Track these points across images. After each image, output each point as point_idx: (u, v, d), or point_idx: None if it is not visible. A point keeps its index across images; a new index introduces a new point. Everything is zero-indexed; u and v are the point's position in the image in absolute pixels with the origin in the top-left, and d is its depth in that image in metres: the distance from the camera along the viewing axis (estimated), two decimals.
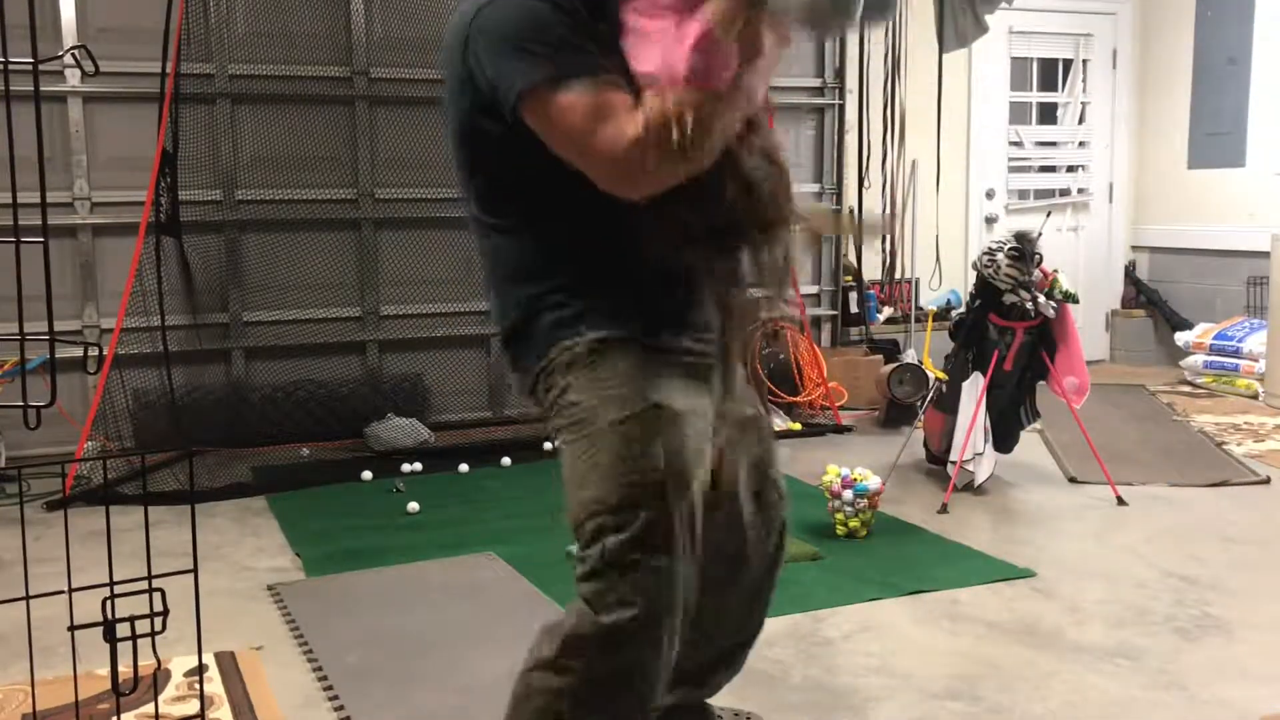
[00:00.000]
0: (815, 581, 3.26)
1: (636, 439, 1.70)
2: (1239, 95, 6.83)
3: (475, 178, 1.82)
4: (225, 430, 4.88)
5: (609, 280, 1.77)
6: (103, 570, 1.83)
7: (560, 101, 1.61)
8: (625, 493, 1.68)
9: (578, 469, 1.74)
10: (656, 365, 1.75)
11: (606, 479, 1.70)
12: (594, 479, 1.71)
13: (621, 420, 1.70)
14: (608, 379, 1.73)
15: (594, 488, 1.71)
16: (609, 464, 1.70)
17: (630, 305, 1.76)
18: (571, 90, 1.60)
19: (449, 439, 5.13)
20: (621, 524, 1.68)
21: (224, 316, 5.06)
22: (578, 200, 1.70)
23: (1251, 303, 6.72)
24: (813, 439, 5.22)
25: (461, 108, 1.75)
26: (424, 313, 5.39)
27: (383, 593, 3.23)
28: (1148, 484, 4.35)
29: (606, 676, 1.72)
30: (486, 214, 1.83)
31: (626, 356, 1.74)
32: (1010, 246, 4.12)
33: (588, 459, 1.72)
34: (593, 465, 1.71)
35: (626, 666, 1.72)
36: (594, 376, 1.73)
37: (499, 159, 1.76)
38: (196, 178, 4.88)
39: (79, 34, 4.69)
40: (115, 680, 1.85)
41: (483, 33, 1.67)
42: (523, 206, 1.79)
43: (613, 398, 1.71)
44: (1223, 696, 2.52)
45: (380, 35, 5.24)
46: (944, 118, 6.52)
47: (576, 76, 1.61)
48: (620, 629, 1.68)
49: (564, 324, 1.76)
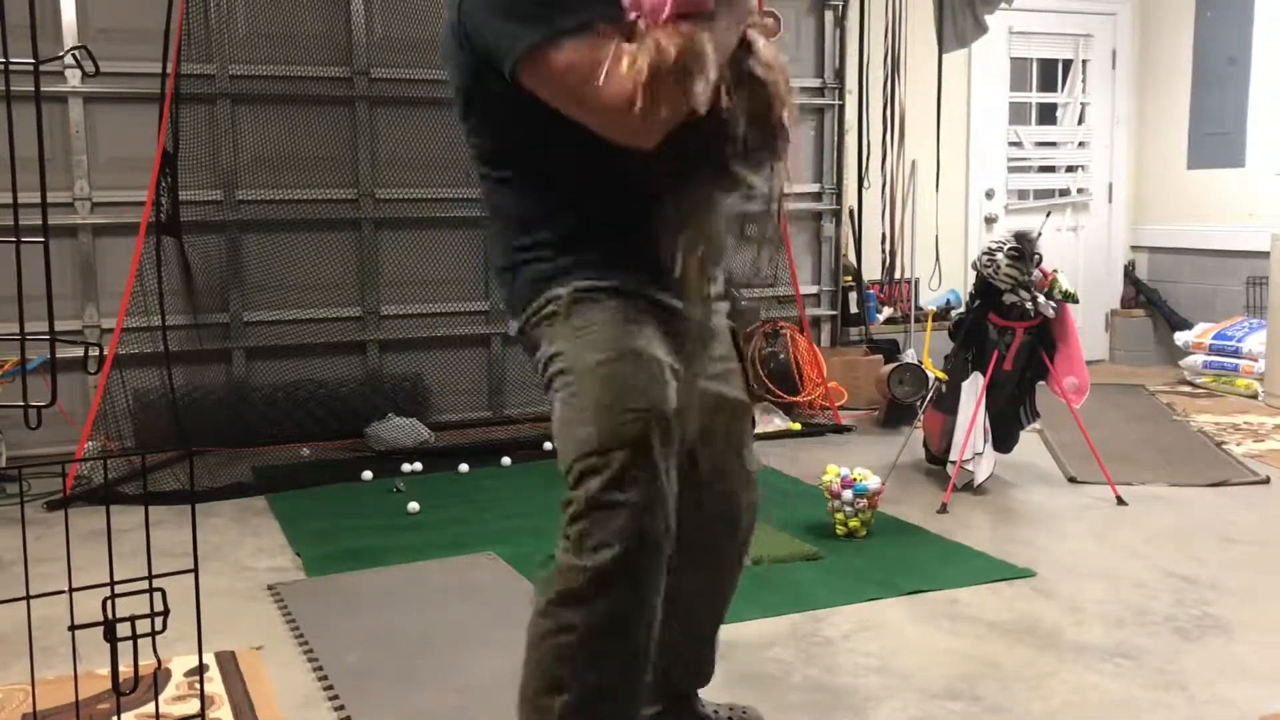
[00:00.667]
0: (815, 581, 3.26)
1: (615, 380, 1.73)
2: (1239, 95, 6.83)
3: (479, 134, 1.85)
4: (225, 430, 4.88)
5: (597, 235, 1.80)
6: (103, 570, 1.83)
7: (557, 61, 1.63)
8: (606, 434, 1.71)
9: (564, 415, 1.77)
10: (637, 314, 1.78)
11: (588, 422, 1.73)
12: (577, 423, 1.74)
13: (600, 363, 1.74)
14: (588, 326, 1.76)
15: (578, 431, 1.74)
16: (590, 407, 1.73)
17: (616, 259, 1.78)
18: (566, 47, 1.62)
19: (449, 439, 5.13)
20: (603, 465, 1.70)
21: (224, 316, 5.06)
22: (574, 153, 1.73)
23: (1251, 303, 6.73)
24: (813, 439, 5.22)
25: (461, 66, 1.78)
26: (424, 313, 5.40)
27: (383, 593, 3.23)
28: (1148, 484, 4.35)
29: (600, 621, 1.72)
30: (487, 166, 1.87)
31: (607, 305, 1.77)
32: (1010, 246, 4.12)
33: (573, 404, 1.75)
34: (576, 410, 1.75)
35: (618, 608, 1.72)
36: (575, 325, 1.77)
37: (499, 116, 1.79)
38: (197, 178, 4.88)
39: (79, 34, 4.70)
40: (115, 680, 1.85)
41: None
42: (521, 161, 1.83)
43: (592, 342, 1.75)
44: (1223, 696, 2.52)
45: (380, 35, 5.24)
46: (944, 118, 6.52)
47: (570, 32, 1.62)
48: (604, 570, 1.69)
49: (546, 277, 1.80)
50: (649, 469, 1.71)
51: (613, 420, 1.71)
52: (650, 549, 1.72)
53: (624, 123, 1.63)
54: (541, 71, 1.65)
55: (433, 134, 5.26)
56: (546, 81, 1.66)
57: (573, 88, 1.64)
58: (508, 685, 2.57)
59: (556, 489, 1.80)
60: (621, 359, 1.74)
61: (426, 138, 5.26)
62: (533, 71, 1.66)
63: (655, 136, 1.65)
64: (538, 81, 1.67)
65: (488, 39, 1.70)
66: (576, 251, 1.79)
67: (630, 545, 1.69)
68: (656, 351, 1.77)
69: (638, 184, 1.73)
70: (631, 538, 1.69)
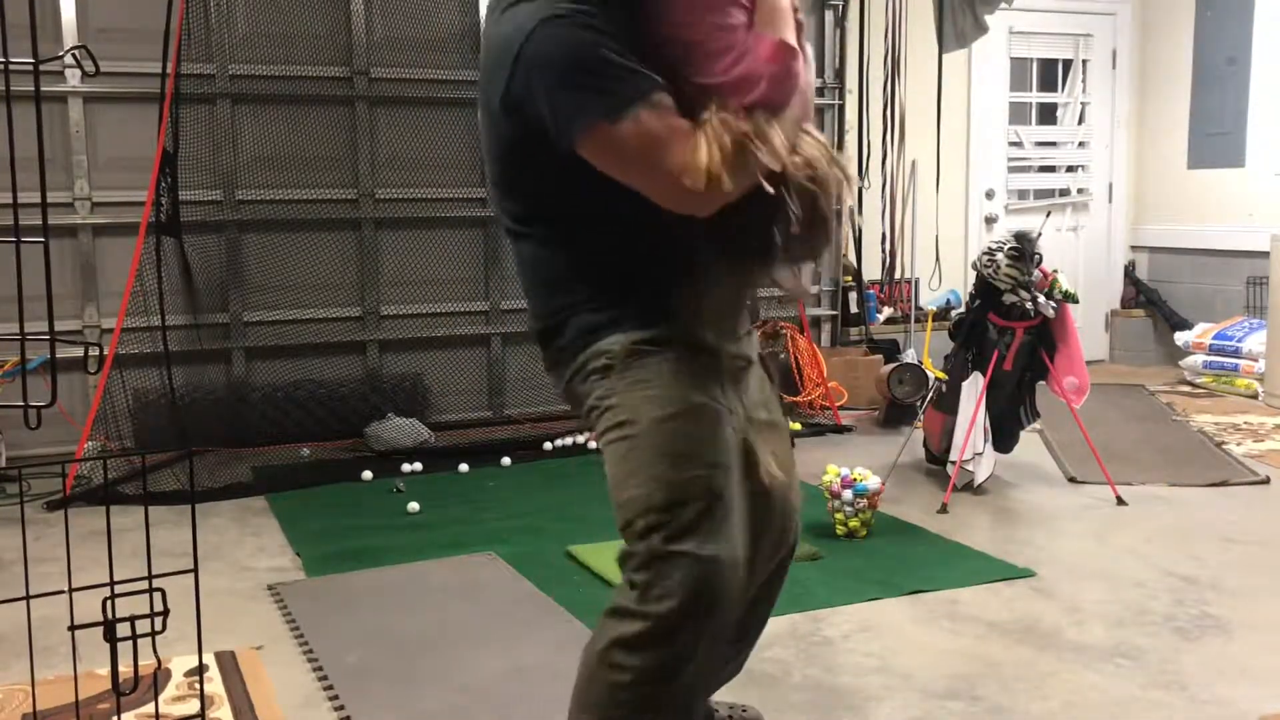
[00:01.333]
0: (815, 581, 3.26)
1: (681, 436, 1.73)
2: (1239, 95, 6.83)
3: (512, 195, 1.83)
4: (225, 430, 4.88)
5: (642, 287, 1.79)
6: (103, 570, 1.83)
7: (619, 133, 1.62)
8: (672, 489, 1.71)
9: (624, 468, 1.76)
10: (693, 364, 1.77)
11: (653, 476, 1.72)
12: (641, 477, 1.73)
13: (665, 418, 1.73)
14: (648, 380, 1.75)
15: (641, 486, 1.73)
16: (654, 461, 1.72)
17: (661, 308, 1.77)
18: (629, 119, 1.61)
19: (449, 439, 5.13)
20: (669, 519, 1.70)
21: (224, 316, 5.06)
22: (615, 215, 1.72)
23: (1251, 303, 6.72)
24: (813, 439, 5.22)
25: (504, 132, 1.75)
26: (424, 313, 5.40)
27: (383, 593, 3.23)
28: (1148, 484, 4.35)
29: (656, 669, 1.73)
30: (522, 226, 1.85)
31: (665, 357, 1.76)
32: (1010, 246, 4.12)
33: (633, 458, 1.74)
34: (639, 464, 1.73)
35: (675, 658, 1.73)
36: (634, 379, 1.76)
37: (540, 182, 1.77)
38: (197, 178, 4.88)
39: (79, 34, 4.70)
40: (115, 680, 1.85)
41: (534, 66, 1.64)
42: (559, 222, 1.81)
43: (655, 398, 1.74)
44: (1223, 696, 2.52)
45: (380, 35, 5.24)
46: (944, 118, 6.52)
47: (632, 104, 1.61)
48: (667, 620, 1.69)
49: (597, 328, 1.78)
50: (717, 523, 1.72)
51: (678, 476, 1.71)
52: (714, 601, 1.72)
53: (686, 194, 1.63)
54: (606, 142, 1.64)
55: (433, 134, 5.27)
56: (605, 153, 1.65)
57: (640, 158, 1.63)
58: (508, 685, 2.58)
59: (556, 489, 1.81)
60: (684, 415, 1.74)
61: (426, 138, 5.26)
62: (592, 143, 1.64)
63: (713, 207, 1.65)
64: (600, 151, 1.65)
65: (544, 108, 1.66)
66: (621, 304, 1.78)
67: (693, 597, 1.69)
68: (715, 403, 1.78)
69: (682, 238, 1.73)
70: (695, 590, 1.69)
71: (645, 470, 1.73)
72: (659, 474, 1.72)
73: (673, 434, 1.73)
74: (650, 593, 1.70)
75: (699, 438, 1.74)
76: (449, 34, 5.29)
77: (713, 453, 1.74)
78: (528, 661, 2.72)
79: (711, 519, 1.71)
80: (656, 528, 1.71)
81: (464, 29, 5.31)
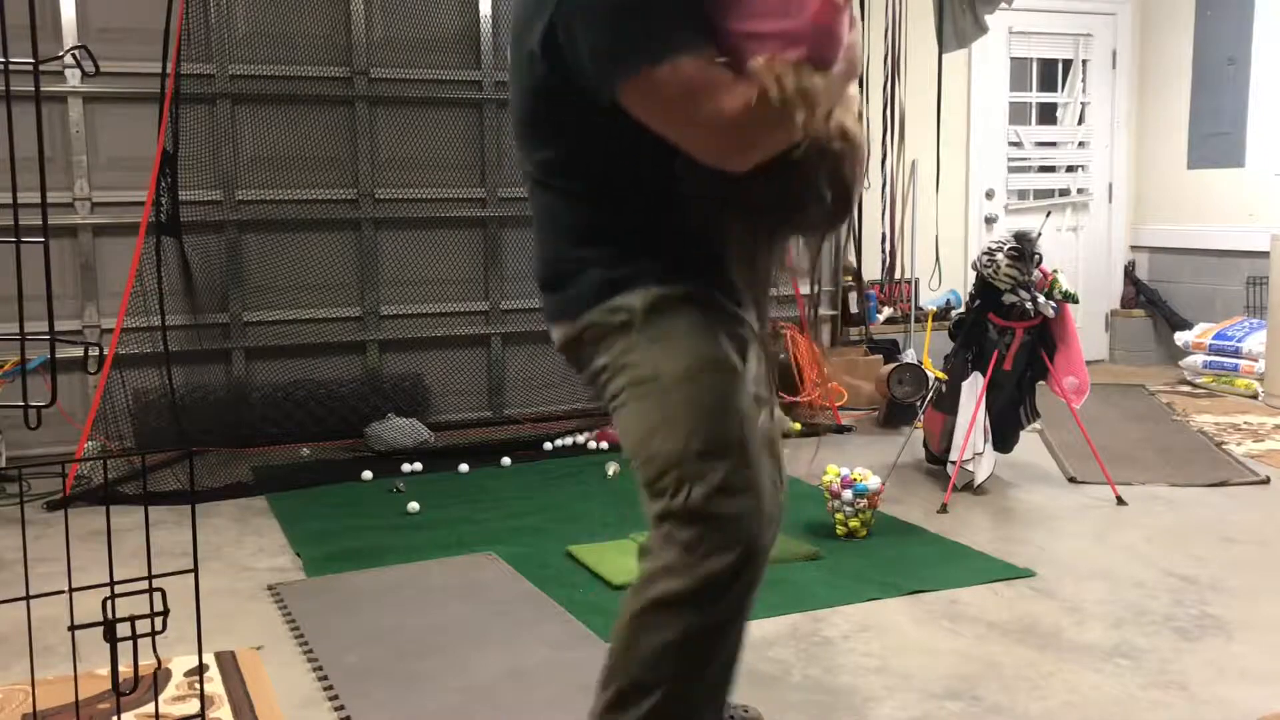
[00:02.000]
0: (815, 581, 3.26)
1: (708, 389, 1.71)
2: (1239, 95, 6.83)
3: (546, 146, 1.79)
4: (225, 430, 4.88)
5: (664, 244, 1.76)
6: (103, 570, 1.83)
7: (659, 79, 1.58)
8: (707, 441, 1.68)
9: (646, 424, 1.73)
10: (712, 321, 1.75)
11: (682, 430, 1.69)
12: (668, 431, 1.70)
13: (691, 372, 1.70)
14: (670, 334, 1.72)
15: (671, 440, 1.69)
16: (683, 415, 1.69)
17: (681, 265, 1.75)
18: (669, 65, 1.57)
19: (449, 439, 5.13)
20: (704, 471, 1.67)
21: (224, 316, 5.06)
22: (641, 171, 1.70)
23: (1251, 303, 6.72)
24: (813, 439, 5.21)
25: (539, 76, 1.71)
26: (424, 313, 5.40)
27: (383, 593, 3.23)
28: (1148, 484, 4.35)
29: (708, 627, 1.71)
30: (546, 175, 1.81)
31: (686, 312, 1.73)
32: (1010, 246, 4.12)
33: (659, 412, 1.71)
34: (664, 418, 1.70)
35: (725, 614, 1.71)
36: (655, 334, 1.73)
37: (575, 129, 1.73)
38: (197, 178, 4.88)
39: (79, 34, 4.70)
40: (115, 680, 1.85)
41: (577, 8, 1.61)
42: (591, 172, 1.77)
43: (678, 351, 1.71)
44: (1223, 696, 2.52)
45: (380, 35, 5.24)
46: (944, 118, 6.52)
47: (674, 51, 1.57)
48: (717, 576, 1.67)
49: (615, 284, 1.75)
50: (751, 476, 1.71)
51: (710, 427, 1.69)
52: (761, 553, 1.71)
53: (718, 144, 1.60)
54: (649, 90, 1.60)
55: (433, 134, 5.27)
56: (644, 100, 1.61)
57: (679, 106, 1.60)
58: (508, 685, 2.58)
59: (556, 489, 1.81)
60: (711, 368, 1.72)
61: (426, 138, 5.27)
62: (639, 89, 1.60)
63: (747, 162, 1.62)
64: (642, 99, 1.61)
65: (584, 53, 1.62)
66: (641, 261, 1.75)
67: (743, 551, 1.68)
68: (735, 361, 1.75)
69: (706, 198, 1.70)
70: (743, 543, 1.68)
71: (675, 424, 1.69)
72: (691, 427, 1.69)
73: (701, 387, 1.70)
74: (698, 549, 1.67)
75: (725, 391, 1.72)
76: (449, 34, 5.29)
77: (739, 406, 1.72)
78: (528, 661, 2.72)
79: (745, 472, 1.70)
80: (689, 480, 1.68)
81: (464, 29, 5.31)
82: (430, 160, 5.28)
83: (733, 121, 1.57)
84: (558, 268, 1.83)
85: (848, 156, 1.69)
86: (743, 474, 1.70)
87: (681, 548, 1.69)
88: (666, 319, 1.73)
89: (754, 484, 1.71)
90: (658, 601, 1.71)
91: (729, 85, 1.57)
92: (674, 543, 1.69)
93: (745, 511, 1.69)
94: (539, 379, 5.54)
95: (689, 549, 1.68)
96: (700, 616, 1.69)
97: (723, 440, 1.69)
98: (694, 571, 1.68)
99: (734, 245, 1.75)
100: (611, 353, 1.77)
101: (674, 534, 1.70)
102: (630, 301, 1.74)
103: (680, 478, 1.69)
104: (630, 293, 1.74)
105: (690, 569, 1.68)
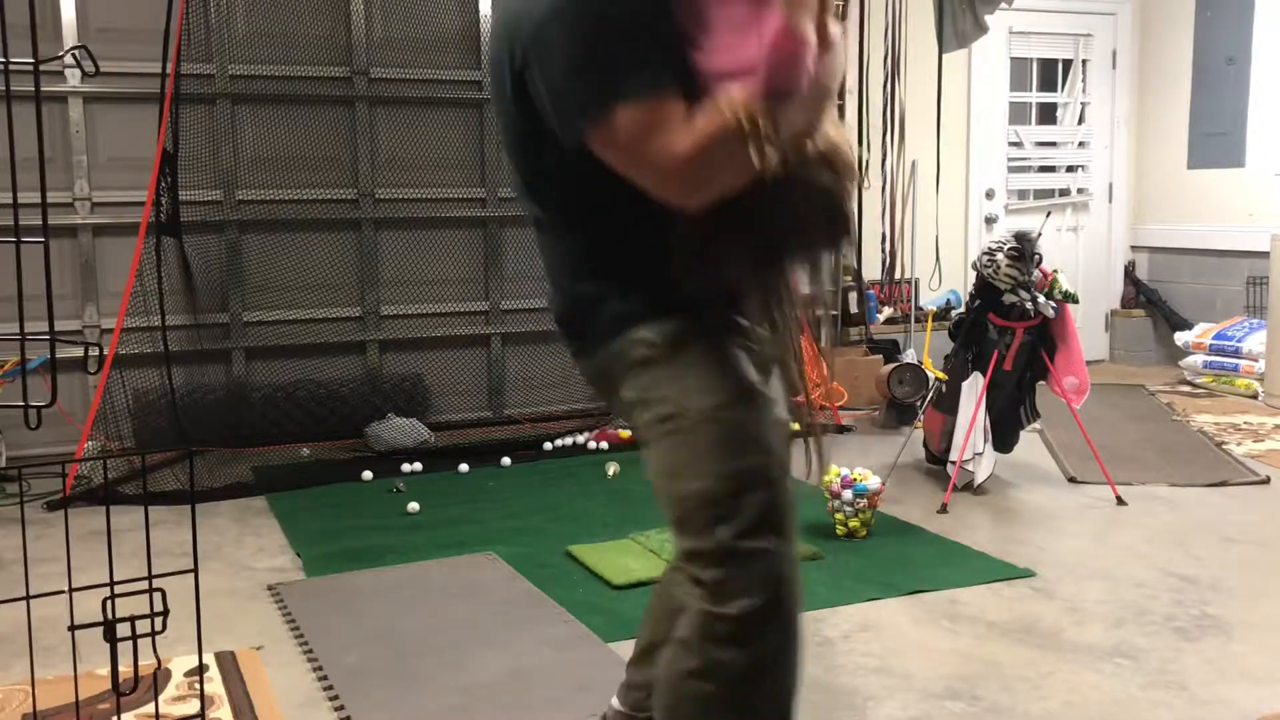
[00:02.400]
0: (815, 581, 3.25)
1: (734, 424, 1.68)
2: (1239, 95, 6.83)
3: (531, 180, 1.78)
4: (225, 430, 4.88)
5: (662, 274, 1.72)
6: (103, 570, 1.83)
7: (613, 126, 1.56)
8: (733, 479, 1.66)
9: (675, 462, 1.70)
10: (731, 348, 1.72)
11: (710, 469, 1.67)
12: (696, 470, 1.67)
13: (716, 408, 1.68)
14: (691, 367, 1.70)
15: (699, 479, 1.67)
16: (711, 453, 1.67)
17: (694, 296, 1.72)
18: (627, 106, 1.55)
19: (449, 439, 5.13)
20: (733, 511, 1.65)
21: (224, 316, 5.06)
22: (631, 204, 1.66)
23: (1251, 303, 6.72)
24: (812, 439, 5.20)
25: (515, 115, 1.70)
26: (424, 313, 5.40)
27: (383, 593, 3.23)
28: (1148, 484, 4.35)
29: (746, 669, 1.67)
30: (541, 210, 1.80)
31: (704, 342, 1.71)
32: (1010, 246, 4.12)
33: (686, 450, 1.68)
34: (693, 456, 1.68)
35: (762, 656, 1.68)
36: (677, 368, 1.70)
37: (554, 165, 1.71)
38: (197, 178, 4.88)
39: (79, 34, 4.70)
40: (115, 680, 1.85)
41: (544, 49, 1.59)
42: (576, 207, 1.76)
43: (700, 387, 1.69)
44: (1223, 696, 2.52)
45: (380, 35, 5.24)
46: (944, 118, 6.52)
47: (625, 98, 1.55)
48: (749, 618, 1.65)
49: (630, 316, 1.72)
50: (781, 514, 1.69)
51: (738, 465, 1.67)
52: (792, 592, 1.69)
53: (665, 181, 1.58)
54: (604, 137, 1.58)
55: (433, 134, 5.27)
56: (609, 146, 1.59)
57: (623, 144, 1.58)
58: (508, 685, 2.58)
59: (556, 489, 1.81)
60: (736, 403, 1.69)
61: (426, 138, 5.27)
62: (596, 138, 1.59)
63: (697, 200, 1.59)
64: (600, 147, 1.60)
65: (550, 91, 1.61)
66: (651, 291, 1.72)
67: (772, 591, 1.66)
68: (760, 386, 1.73)
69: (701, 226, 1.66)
70: (772, 583, 1.66)
71: (701, 462, 1.67)
72: (717, 465, 1.66)
73: (725, 423, 1.67)
74: (725, 590, 1.65)
75: (751, 425, 1.69)
76: (449, 34, 5.29)
77: (767, 439, 1.70)
78: (528, 661, 2.72)
79: (776, 510, 1.68)
80: (720, 520, 1.65)
81: (464, 29, 5.31)
82: (430, 160, 5.28)
83: (684, 161, 1.54)
84: (571, 305, 1.81)
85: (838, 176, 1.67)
86: (774, 513, 1.68)
87: (710, 591, 1.66)
88: (686, 352, 1.70)
89: (785, 523, 1.69)
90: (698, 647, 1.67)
91: (678, 125, 1.54)
92: (702, 585, 1.67)
93: (772, 550, 1.67)
94: (539, 379, 5.54)
95: (716, 590, 1.65)
96: (741, 661, 1.66)
97: (751, 476, 1.67)
98: (727, 616, 1.64)
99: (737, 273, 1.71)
100: (636, 388, 1.74)
101: (703, 575, 1.67)
102: (648, 335, 1.71)
103: (709, 518, 1.66)
104: (646, 325, 1.71)
105: (723, 613, 1.65)
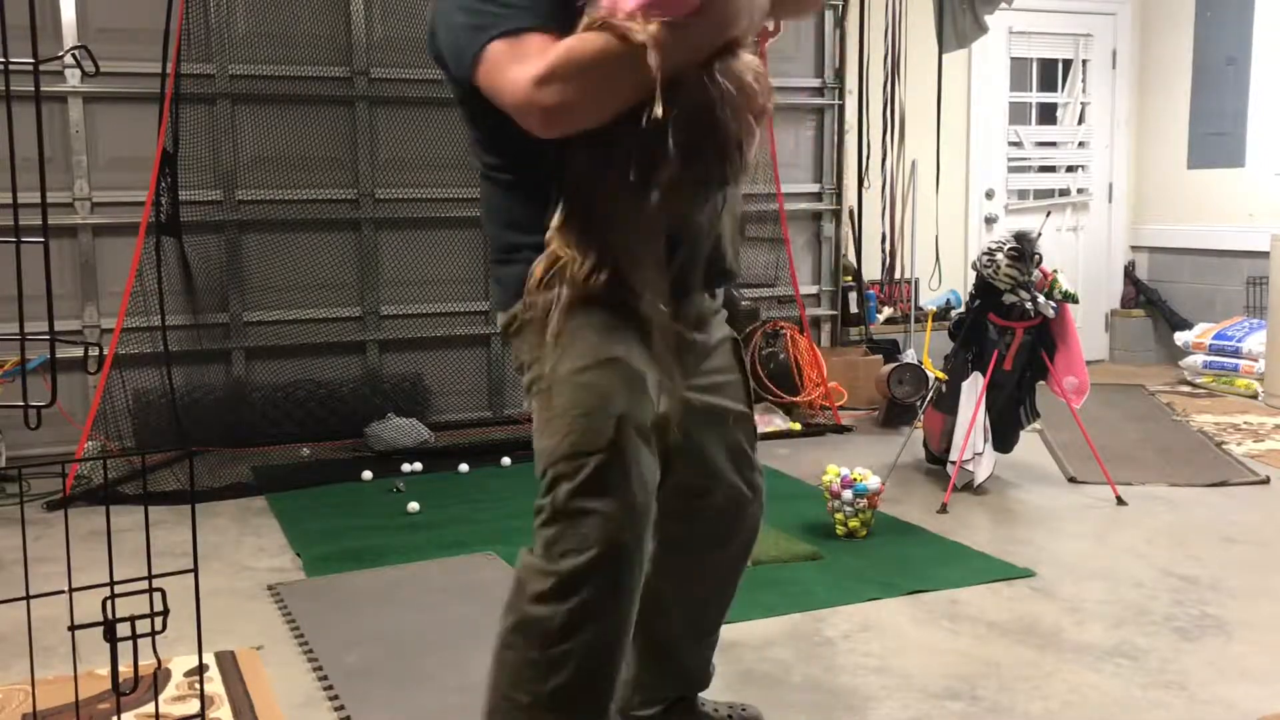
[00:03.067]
0: (815, 581, 3.26)
1: (589, 388, 1.72)
2: (1239, 95, 6.83)
3: (474, 128, 1.85)
4: (225, 430, 4.88)
5: None
6: (103, 570, 1.83)
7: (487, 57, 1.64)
8: (576, 440, 1.70)
9: (538, 421, 1.77)
10: (618, 321, 1.75)
11: (560, 429, 1.72)
12: (550, 429, 1.74)
13: (576, 370, 1.73)
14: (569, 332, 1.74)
15: (550, 437, 1.73)
16: (563, 413, 1.72)
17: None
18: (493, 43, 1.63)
19: (449, 439, 5.13)
20: (572, 471, 1.70)
21: (224, 316, 5.06)
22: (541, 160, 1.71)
23: (1251, 303, 6.73)
24: (813, 439, 5.22)
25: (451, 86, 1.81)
26: (424, 313, 5.40)
27: (383, 593, 3.23)
28: (1148, 484, 4.35)
29: (561, 627, 1.70)
30: (481, 159, 1.88)
31: (589, 309, 1.73)
32: (1010, 246, 4.12)
33: (546, 410, 1.75)
34: (550, 416, 1.74)
35: (580, 615, 1.70)
36: None
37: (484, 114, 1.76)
38: (196, 178, 4.88)
39: (79, 34, 4.70)
40: (115, 680, 1.85)
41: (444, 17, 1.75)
42: (509, 157, 1.81)
43: (572, 351, 1.73)
44: (1223, 696, 2.52)
45: (380, 35, 5.24)
46: (944, 118, 6.52)
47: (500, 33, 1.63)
48: (570, 576, 1.68)
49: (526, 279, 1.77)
50: (619, 477, 1.70)
51: (584, 427, 1.70)
52: (618, 557, 1.70)
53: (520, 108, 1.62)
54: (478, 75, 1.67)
55: (433, 134, 5.26)
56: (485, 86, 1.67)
57: (489, 77, 1.65)
58: None
59: None
60: (598, 367, 1.73)
61: (426, 138, 5.26)
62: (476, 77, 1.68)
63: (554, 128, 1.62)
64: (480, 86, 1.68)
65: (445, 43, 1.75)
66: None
67: (598, 553, 1.68)
68: (635, 360, 1.75)
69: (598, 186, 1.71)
70: (599, 545, 1.68)
71: (555, 422, 1.73)
72: (566, 425, 1.71)
73: (582, 386, 1.72)
74: (554, 548, 1.70)
75: (607, 391, 1.72)
76: None
77: (620, 405, 1.72)
78: None
79: (613, 472, 1.69)
80: (560, 479, 1.70)
81: None
82: (430, 160, 5.27)
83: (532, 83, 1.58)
84: (497, 256, 1.88)
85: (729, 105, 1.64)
86: (610, 475, 1.69)
87: (543, 548, 1.71)
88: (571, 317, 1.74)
89: (621, 487, 1.70)
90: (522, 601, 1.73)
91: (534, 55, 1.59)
92: (539, 543, 1.72)
93: (604, 512, 1.69)
94: None
95: (548, 549, 1.71)
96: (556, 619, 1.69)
97: (592, 441, 1.70)
98: (551, 572, 1.69)
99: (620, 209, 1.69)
100: (525, 349, 1.81)
101: (539, 533, 1.72)
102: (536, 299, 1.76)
103: (555, 475, 1.71)
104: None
105: (548, 569, 1.70)
